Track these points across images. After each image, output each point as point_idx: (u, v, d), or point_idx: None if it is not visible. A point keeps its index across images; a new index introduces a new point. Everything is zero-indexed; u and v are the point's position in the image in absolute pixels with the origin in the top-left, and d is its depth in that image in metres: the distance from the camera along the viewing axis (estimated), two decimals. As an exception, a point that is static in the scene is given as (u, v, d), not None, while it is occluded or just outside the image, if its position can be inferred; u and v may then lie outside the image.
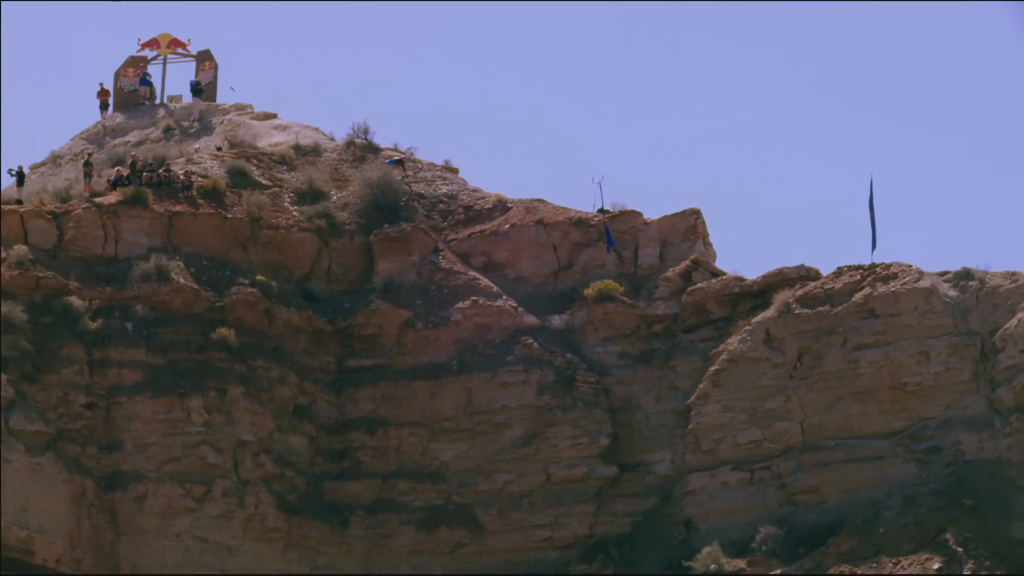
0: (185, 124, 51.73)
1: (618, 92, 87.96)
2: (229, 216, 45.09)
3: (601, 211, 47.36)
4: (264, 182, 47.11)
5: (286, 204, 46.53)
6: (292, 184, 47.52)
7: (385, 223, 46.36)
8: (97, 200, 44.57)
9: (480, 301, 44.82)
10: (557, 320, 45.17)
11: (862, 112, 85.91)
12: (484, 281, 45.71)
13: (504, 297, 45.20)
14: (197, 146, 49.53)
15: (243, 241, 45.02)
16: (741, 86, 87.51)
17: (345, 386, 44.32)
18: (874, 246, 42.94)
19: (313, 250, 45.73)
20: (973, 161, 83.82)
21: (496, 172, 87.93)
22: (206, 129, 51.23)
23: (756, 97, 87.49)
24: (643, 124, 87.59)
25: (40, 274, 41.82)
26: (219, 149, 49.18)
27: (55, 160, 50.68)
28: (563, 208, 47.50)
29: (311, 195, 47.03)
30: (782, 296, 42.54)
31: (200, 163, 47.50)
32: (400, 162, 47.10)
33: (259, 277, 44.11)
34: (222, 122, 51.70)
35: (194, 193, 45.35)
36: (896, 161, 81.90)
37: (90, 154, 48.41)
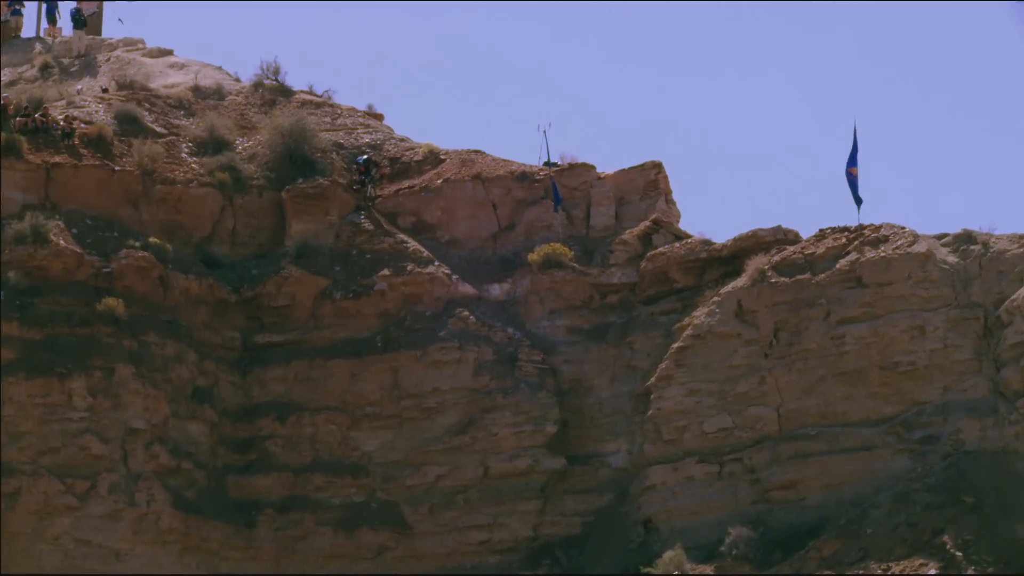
0: (66, 62, 51.31)
1: (568, 26, 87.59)
2: (117, 169, 44.69)
3: (547, 164, 47.44)
4: (158, 129, 47.00)
5: (183, 155, 46.41)
6: (190, 132, 47.38)
7: (299, 177, 46.13)
8: (-40, 149, 43.88)
9: (408, 268, 44.78)
10: (497, 290, 45.18)
11: (847, 53, 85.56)
12: (413, 245, 45.60)
13: (436, 263, 45.13)
14: (80, 87, 49.23)
15: (133, 198, 44.63)
16: (708, 20, 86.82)
17: (252, 365, 44.10)
18: (858, 203, 42.82)
19: (215, 208, 45.50)
20: (974, 109, 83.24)
21: (427, 119, 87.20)
22: (90, 67, 50.86)
23: (725, 34, 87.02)
24: (596, 63, 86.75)
25: None
26: (105, 91, 48.72)
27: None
28: (504, 161, 47.50)
29: (213, 145, 46.85)
30: (756, 262, 42.45)
31: (83, 107, 47.11)
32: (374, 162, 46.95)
33: (152, 239, 43.82)
34: (108, 59, 51.41)
35: (76, 142, 44.88)
36: (886, 109, 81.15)
37: (-49, 96, 47.11)
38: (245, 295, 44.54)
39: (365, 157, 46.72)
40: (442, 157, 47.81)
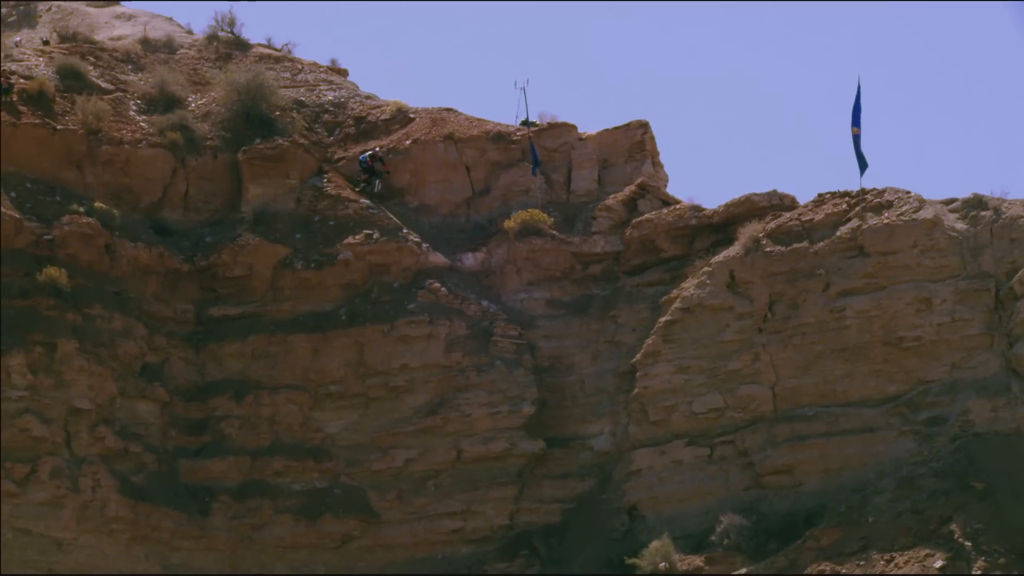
0: (3, 11, 51.29)
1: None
2: (60, 127, 44.63)
3: (525, 123, 47.58)
4: (104, 85, 47.00)
5: (132, 113, 46.46)
6: (139, 88, 47.52)
7: (256, 137, 46.27)
8: None
9: (375, 236, 44.82)
10: (470, 259, 45.37)
11: (849, 6, 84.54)
12: (380, 211, 45.59)
13: (404, 231, 45.18)
14: (18, 39, 49.18)
15: (77, 159, 44.60)
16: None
17: (206, 341, 44.18)
18: (862, 167, 42.83)
19: (165, 171, 45.63)
20: (984, 67, 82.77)
21: (394, 74, 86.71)
22: (29, 18, 51.03)
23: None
24: (578, 14, 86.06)
25: None
26: (46, 43, 48.78)
27: None
28: (478, 120, 47.70)
29: (163, 102, 47.05)
30: (749, 230, 42.49)
31: (22, 61, 46.98)
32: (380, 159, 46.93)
33: (98, 204, 43.69)
34: (50, 9, 51.51)
35: (14, 99, 44.68)
36: (891, 65, 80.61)
37: None
38: (198, 265, 44.57)
39: (369, 153, 46.58)
40: (411, 116, 47.92)
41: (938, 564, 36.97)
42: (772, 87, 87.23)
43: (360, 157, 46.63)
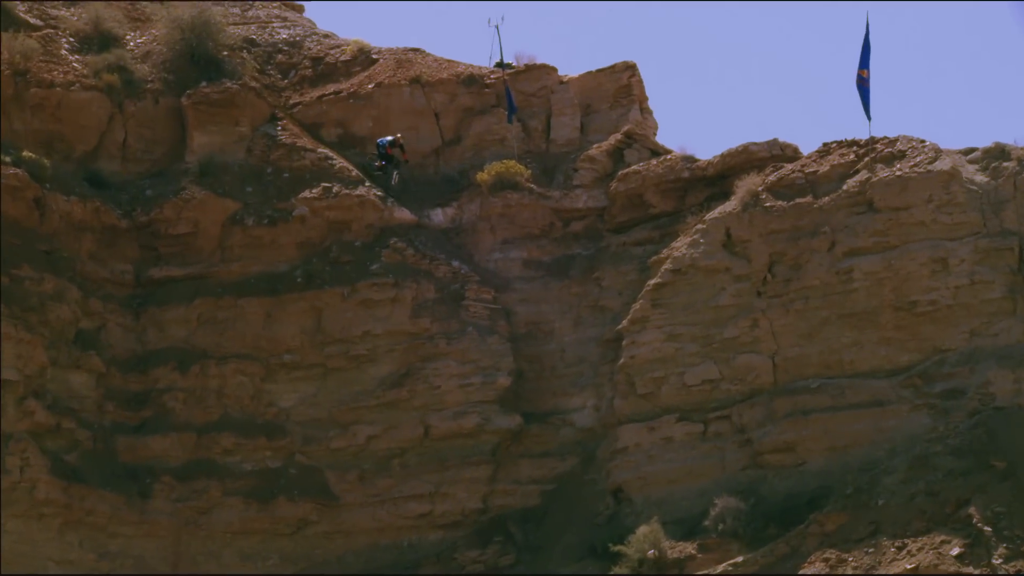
0: None
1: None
2: None
3: (500, 65, 47.68)
4: (32, 21, 46.82)
5: (64, 52, 46.27)
6: (72, 25, 47.35)
7: (202, 80, 46.29)
8: None
9: (334, 189, 44.77)
10: (440, 216, 45.41)
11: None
12: (340, 162, 45.57)
13: (367, 184, 45.12)
14: None
15: (3, 103, 44.32)
16: None
17: (147, 305, 44.16)
18: (868, 115, 42.90)
19: (102, 116, 45.51)
20: (1005, 5, 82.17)
21: (355, 11, 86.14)
22: None
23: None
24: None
25: None
26: None
27: None
28: (448, 61, 47.83)
29: (99, 40, 46.92)
30: (747, 183, 42.39)
31: None
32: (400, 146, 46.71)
33: (25, 153, 43.56)
34: None
35: None
36: (903, 3, 79.89)
37: None
38: (138, 221, 44.42)
39: (390, 139, 46.37)
40: (374, 57, 47.92)
41: (955, 552, 36.62)
42: (772, 25, 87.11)
43: (379, 141, 46.39)
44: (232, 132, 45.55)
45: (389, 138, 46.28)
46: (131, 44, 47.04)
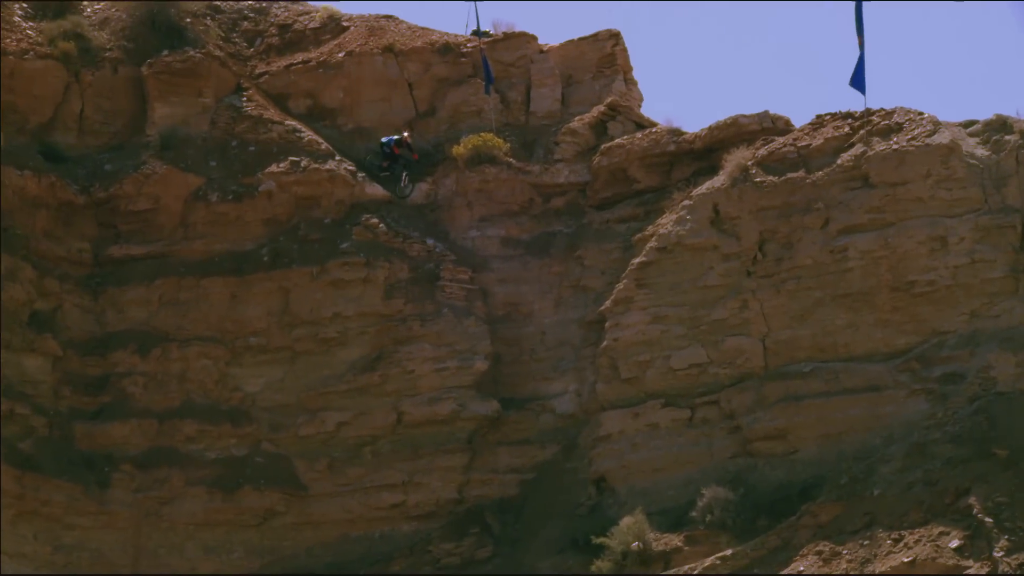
0: None
1: None
2: None
3: (476, 33, 47.60)
4: None
5: (16, 19, 46.00)
6: None
7: (164, 48, 46.21)
8: None
9: (302, 163, 44.75)
10: (414, 191, 45.40)
11: None
12: (308, 134, 45.60)
13: (337, 158, 45.10)
14: None
15: None
16: None
17: (105, 285, 43.99)
18: (863, 86, 42.80)
19: (57, 87, 45.40)
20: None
21: None
22: None
23: None
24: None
25: None
26: None
27: None
28: (423, 29, 47.91)
29: (54, 6, 46.73)
30: (736, 157, 42.30)
31: None
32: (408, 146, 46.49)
33: None
34: None
35: None
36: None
37: None
38: (96, 196, 44.30)
39: (396, 138, 46.17)
40: (344, 24, 47.93)
41: (954, 544, 36.28)
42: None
43: (383, 140, 46.33)
44: (195, 103, 45.43)
45: (395, 137, 46.49)
46: (88, 10, 46.88)
